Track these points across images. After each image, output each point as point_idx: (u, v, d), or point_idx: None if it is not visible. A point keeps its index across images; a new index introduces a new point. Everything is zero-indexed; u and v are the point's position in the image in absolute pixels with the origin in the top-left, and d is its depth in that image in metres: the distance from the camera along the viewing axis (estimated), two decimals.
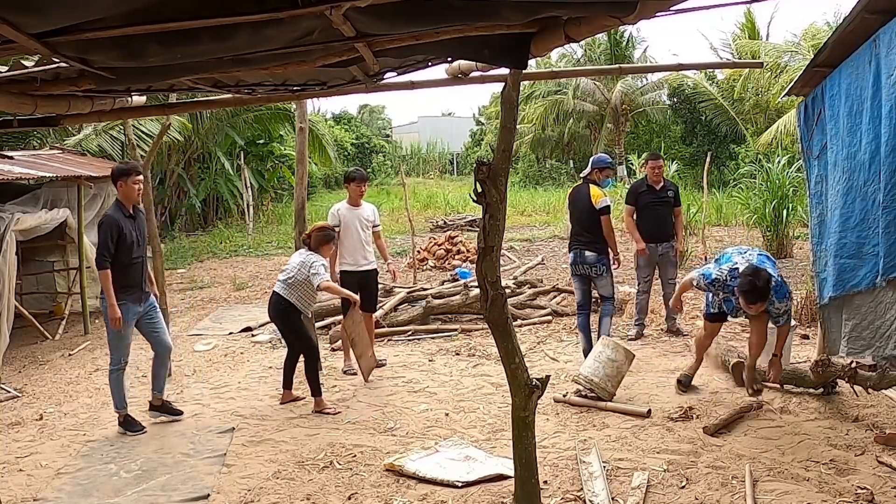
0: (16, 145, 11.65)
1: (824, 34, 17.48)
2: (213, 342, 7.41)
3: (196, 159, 18.29)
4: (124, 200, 4.90)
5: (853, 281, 4.25)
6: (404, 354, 6.63)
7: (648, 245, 6.73)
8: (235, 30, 2.04)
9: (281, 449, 4.51)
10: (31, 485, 4.18)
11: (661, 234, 6.76)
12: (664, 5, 2.09)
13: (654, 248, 6.74)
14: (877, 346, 4.17)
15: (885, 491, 3.51)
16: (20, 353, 7.35)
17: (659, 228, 6.76)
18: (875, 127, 3.82)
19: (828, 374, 4.71)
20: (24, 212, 7.30)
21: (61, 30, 1.93)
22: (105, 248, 4.72)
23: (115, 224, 4.75)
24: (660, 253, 6.76)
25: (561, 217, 16.60)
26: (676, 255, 7.00)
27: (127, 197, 4.89)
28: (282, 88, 3.65)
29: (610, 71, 17.05)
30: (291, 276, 5.23)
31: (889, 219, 3.74)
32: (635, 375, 5.63)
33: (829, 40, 4.35)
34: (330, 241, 5.38)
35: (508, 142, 3.14)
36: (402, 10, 2.08)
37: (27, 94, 2.87)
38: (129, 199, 4.89)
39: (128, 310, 4.82)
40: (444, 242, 12.16)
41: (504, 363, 3.26)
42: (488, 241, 3.12)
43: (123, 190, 4.88)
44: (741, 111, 21.99)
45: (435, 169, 37.55)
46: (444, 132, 42.76)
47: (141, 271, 4.91)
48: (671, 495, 3.63)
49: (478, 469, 3.98)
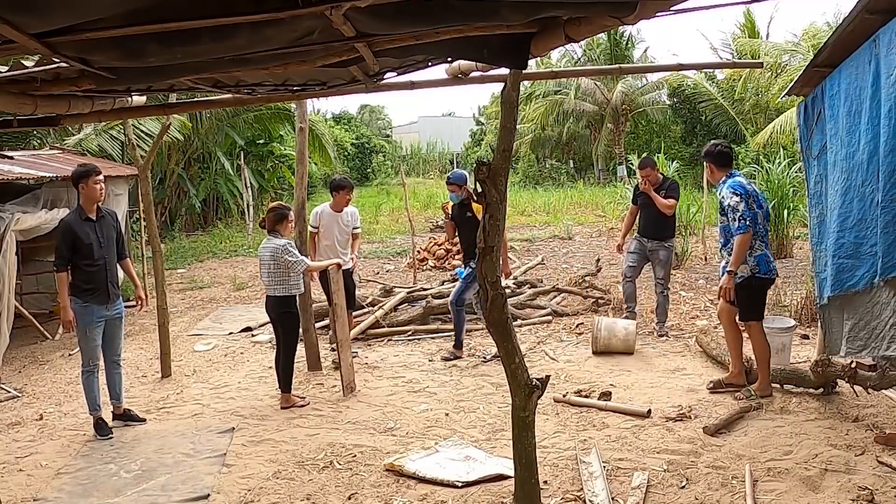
0: (16, 145, 11.64)
1: (824, 34, 17.48)
2: (213, 342, 7.41)
3: (196, 159, 18.28)
4: (87, 203, 4.88)
5: (851, 281, 4.25)
6: (404, 354, 6.63)
7: (640, 238, 6.99)
8: (235, 30, 2.04)
9: (281, 449, 4.51)
10: (31, 485, 4.18)
11: (653, 231, 6.92)
12: (664, 5, 2.09)
13: (645, 242, 6.95)
14: (873, 347, 4.16)
15: (885, 491, 3.51)
16: (20, 353, 7.35)
17: (652, 226, 6.92)
18: (874, 127, 3.82)
19: (828, 374, 4.71)
20: (24, 212, 7.30)
21: (61, 30, 1.93)
22: (59, 253, 4.80)
23: (69, 229, 4.79)
24: (650, 249, 6.92)
25: (561, 217, 16.63)
26: (670, 258, 7.04)
27: (89, 198, 4.87)
28: (282, 88, 3.66)
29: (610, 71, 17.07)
30: (272, 271, 5.26)
31: (887, 219, 3.73)
32: (635, 375, 5.64)
33: (829, 40, 4.35)
34: (284, 218, 5.37)
35: (508, 142, 3.14)
36: (402, 10, 2.08)
37: (27, 94, 2.88)
38: (91, 200, 4.87)
39: (91, 311, 4.84)
40: (444, 242, 12.15)
41: (504, 363, 3.26)
42: (488, 241, 3.12)
43: (85, 192, 4.86)
44: (741, 111, 22.00)
45: (435, 169, 37.56)
46: (445, 132, 42.80)
47: (105, 273, 4.90)
48: (671, 495, 3.63)
49: (478, 469, 3.98)
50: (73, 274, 4.83)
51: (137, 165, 6.81)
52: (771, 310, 7.18)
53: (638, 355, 6.21)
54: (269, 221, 5.37)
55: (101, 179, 4.92)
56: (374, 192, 27.34)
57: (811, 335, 6.43)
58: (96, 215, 4.92)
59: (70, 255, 4.78)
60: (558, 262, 11.41)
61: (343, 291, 5.65)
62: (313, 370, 6.13)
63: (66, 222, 4.85)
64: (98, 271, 4.86)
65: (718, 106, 22.43)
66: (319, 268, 5.71)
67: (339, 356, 5.59)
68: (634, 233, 7.21)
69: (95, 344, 4.91)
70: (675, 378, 5.50)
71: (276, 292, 5.27)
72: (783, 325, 5.64)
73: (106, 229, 4.98)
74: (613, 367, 5.91)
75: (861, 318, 4.26)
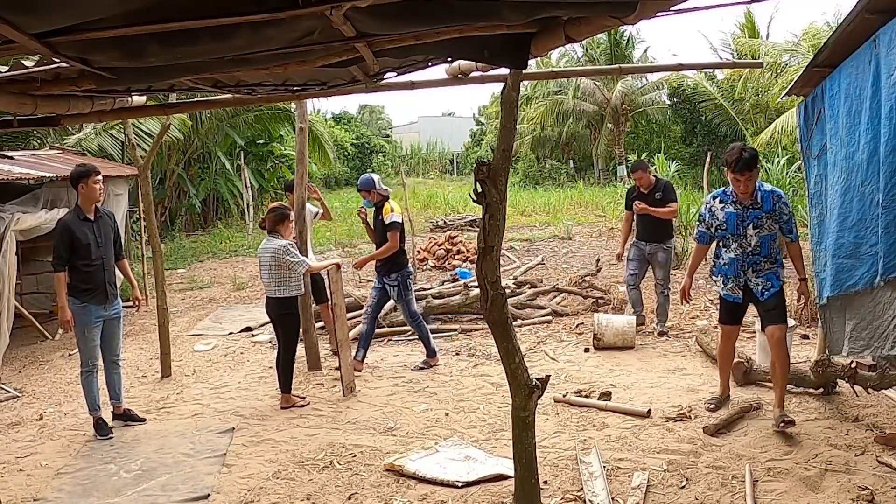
0: (16, 145, 11.63)
1: (824, 34, 17.48)
2: (213, 342, 7.41)
3: (196, 159, 18.28)
4: (85, 203, 4.89)
5: (850, 281, 4.25)
6: (404, 354, 6.63)
7: (638, 243, 7.00)
8: (235, 30, 2.04)
9: (281, 449, 4.51)
10: (31, 485, 4.18)
11: (651, 235, 6.94)
12: (664, 5, 2.08)
13: (643, 246, 6.96)
14: (875, 346, 4.16)
15: (885, 491, 3.51)
16: (20, 353, 7.35)
17: (649, 230, 6.95)
18: (874, 127, 3.81)
19: (828, 374, 4.71)
20: (24, 212, 7.30)
21: (62, 30, 1.93)
22: (56, 253, 4.81)
23: (67, 229, 4.79)
24: (648, 252, 6.95)
25: (561, 217, 16.63)
26: (669, 259, 7.06)
27: (88, 198, 4.88)
28: (282, 88, 3.65)
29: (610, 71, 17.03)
30: (272, 272, 5.26)
31: (889, 219, 3.73)
32: (635, 375, 5.64)
33: (829, 40, 4.35)
34: (285, 218, 5.41)
35: (508, 142, 3.14)
36: (402, 11, 2.08)
37: (27, 94, 2.87)
38: (90, 200, 4.88)
39: (89, 311, 4.84)
40: (444, 242, 12.16)
41: (504, 363, 3.26)
42: (488, 241, 3.12)
43: (84, 192, 4.87)
44: (741, 111, 21.97)
45: (435, 169, 37.57)
46: (444, 132, 42.80)
47: (103, 274, 4.90)
48: (671, 495, 3.63)
49: (478, 469, 3.98)
50: (71, 274, 4.83)
51: (137, 165, 6.81)
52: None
53: (638, 355, 6.21)
54: (270, 222, 5.38)
55: (101, 180, 4.92)
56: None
57: (811, 335, 6.43)
58: (94, 215, 4.92)
59: (68, 255, 4.78)
60: (558, 262, 11.41)
61: (342, 292, 5.65)
62: (313, 370, 6.13)
63: (64, 222, 4.84)
64: (96, 271, 4.86)
65: (718, 106, 22.41)
66: (321, 268, 5.73)
67: (338, 357, 5.59)
68: (632, 237, 7.21)
69: (94, 344, 4.91)
70: (675, 378, 5.50)
71: (277, 293, 5.27)
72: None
73: (104, 229, 4.98)
74: (613, 367, 5.91)
75: (863, 318, 4.26)
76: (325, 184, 29.08)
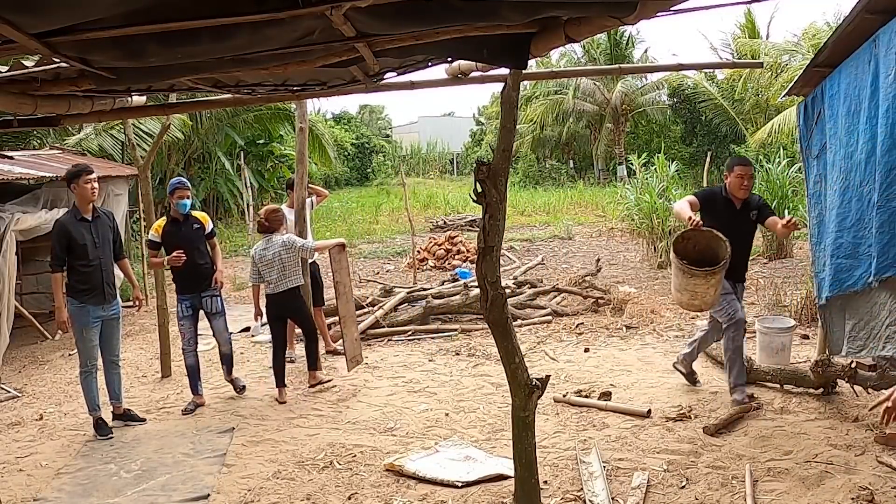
0: (16, 145, 11.63)
1: (824, 34, 17.47)
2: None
3: (196, 159, 18.27)
4: (81, 202, 4.89)
5: (849, 281, 4.25)
6: (404, 354, 6.63)
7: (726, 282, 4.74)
8: (235, 30, 2.04)
9: (281, 449, 4.51)
10: (31, 485, 4.18)
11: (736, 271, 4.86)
12: (664, 5, 2.08)
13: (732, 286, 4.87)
14: (871, 347, 4.17)
15: (885, 491, 3.51)
16: (20, 353, 7.35)
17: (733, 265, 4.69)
18: (872, 127, 3.82)
19: (828, 374, 4.71)
20: (24, 212, 7.30)
21: (61, 30, 1.93)
22: (53, 253, 4.82)
23: (63, 230, 4.79)
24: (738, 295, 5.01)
25: (561, 217, 16.62)
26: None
27: (82, 198, 4.87)
28: (282, 88, 3.65)
29: (610, 71, 17.05)
30: (285, 265, 5.46)
31: (883, 219, 3.73)
32: (635, 375, 5.64)
33: (829, 40, 4.35)
34: (284, 219, 5.76)
35: (508, 142, 3.13)
36: (402, 11, 2.08)
37: (27, 94, 2.87)
38: (85, 199, 4.88)
39: (87, 312, 4.84)
40: (444, 242, 12.16)
41: (504, 363, 3.26)
42: (488, 241, 3.12)
43: (78, 192, 4.87)
44: (741, 111, 21.98)
45: (435, 169, 37.55)
46: (444, 132, 42.75)
47: (101, 274, 4.90)
48: (671, 495, 3.63)
49: (478, 469, 3.98)
50: (69, 274, 4.83)
51: (137, 165, 6.82)
52: (771, 310, 7.19)
53: (638, 355, 6.21)
54: (275, 223, 5.59)
55: (93, 179, 4.89)
56: (374, 192, 27.36)
57: (811, 335, 6.43)
58: (92, 215, 4.92)
59: (64, 255, 4.77)
60: (558, 262, 11.41)
61: (346, 270, 5.78)
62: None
63: (61, 222, 4.84)
64: (93, 272, 4.85)
65: (718, 106, 22.42)
66: (326, 246, 5.90)
67: (342, 330, 5.70)
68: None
69: (92, 344, 4.90)
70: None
71: (290, 284, 5.50)
72: (783, 325, 5.64)
73: (102, 229, 4.97)
74: (613, 367, 5.91)
75: (861, 318, 4.26)
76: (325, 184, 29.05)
